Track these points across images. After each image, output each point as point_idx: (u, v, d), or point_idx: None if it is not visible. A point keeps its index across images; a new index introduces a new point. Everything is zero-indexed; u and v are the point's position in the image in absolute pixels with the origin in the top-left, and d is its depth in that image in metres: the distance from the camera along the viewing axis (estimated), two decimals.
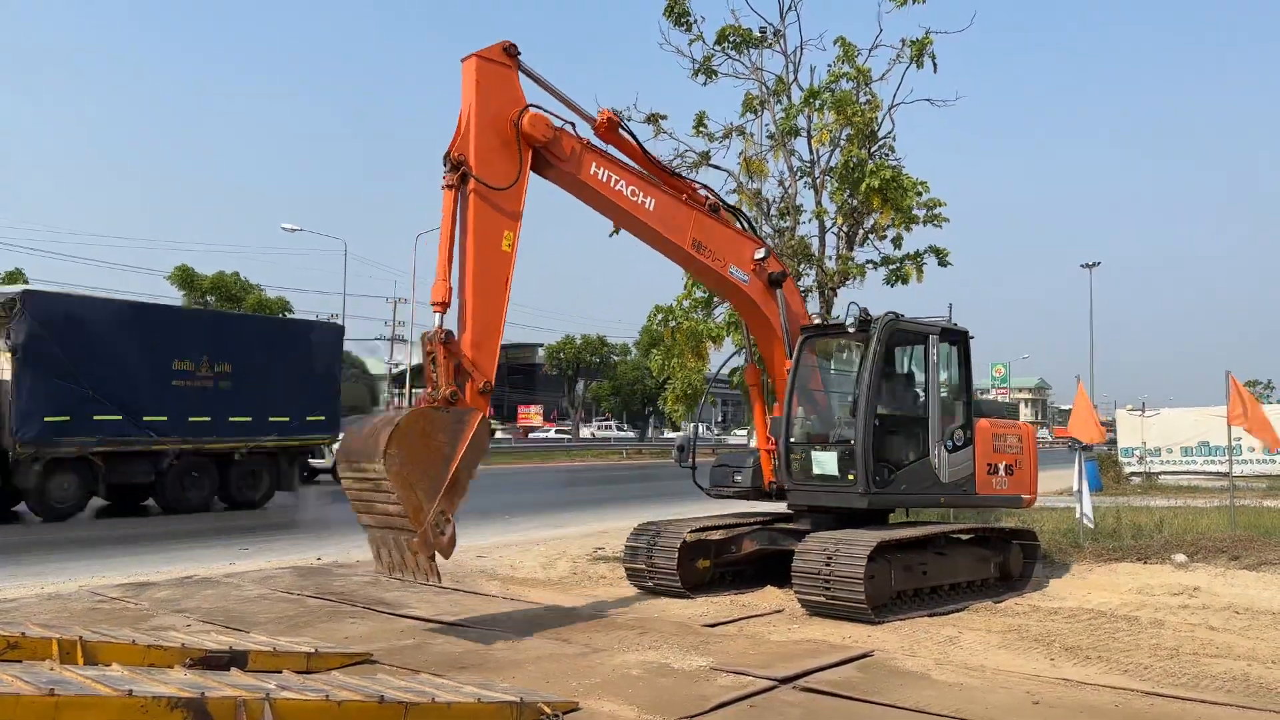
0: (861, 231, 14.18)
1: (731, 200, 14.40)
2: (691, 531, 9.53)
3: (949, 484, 9.44)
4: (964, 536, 9.84)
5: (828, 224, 14.37)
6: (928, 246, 14.26)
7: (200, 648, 5.97)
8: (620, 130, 8.82)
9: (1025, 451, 10.41)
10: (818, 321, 9.73)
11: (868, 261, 14.41)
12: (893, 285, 14.38)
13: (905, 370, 9.90)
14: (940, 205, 14.08)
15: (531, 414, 74.69)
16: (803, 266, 14.33)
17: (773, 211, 14.47)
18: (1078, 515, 12.47)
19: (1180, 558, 10.93)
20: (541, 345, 78.41)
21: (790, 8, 14.47)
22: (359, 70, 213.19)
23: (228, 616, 8.21)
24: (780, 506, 10.36)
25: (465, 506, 7.09)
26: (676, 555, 9.24)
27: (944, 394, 9.67)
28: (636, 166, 8.93)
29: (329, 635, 7.44)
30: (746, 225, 10.26)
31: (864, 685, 6.11)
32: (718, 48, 14.54)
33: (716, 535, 9.92)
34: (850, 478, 8.88)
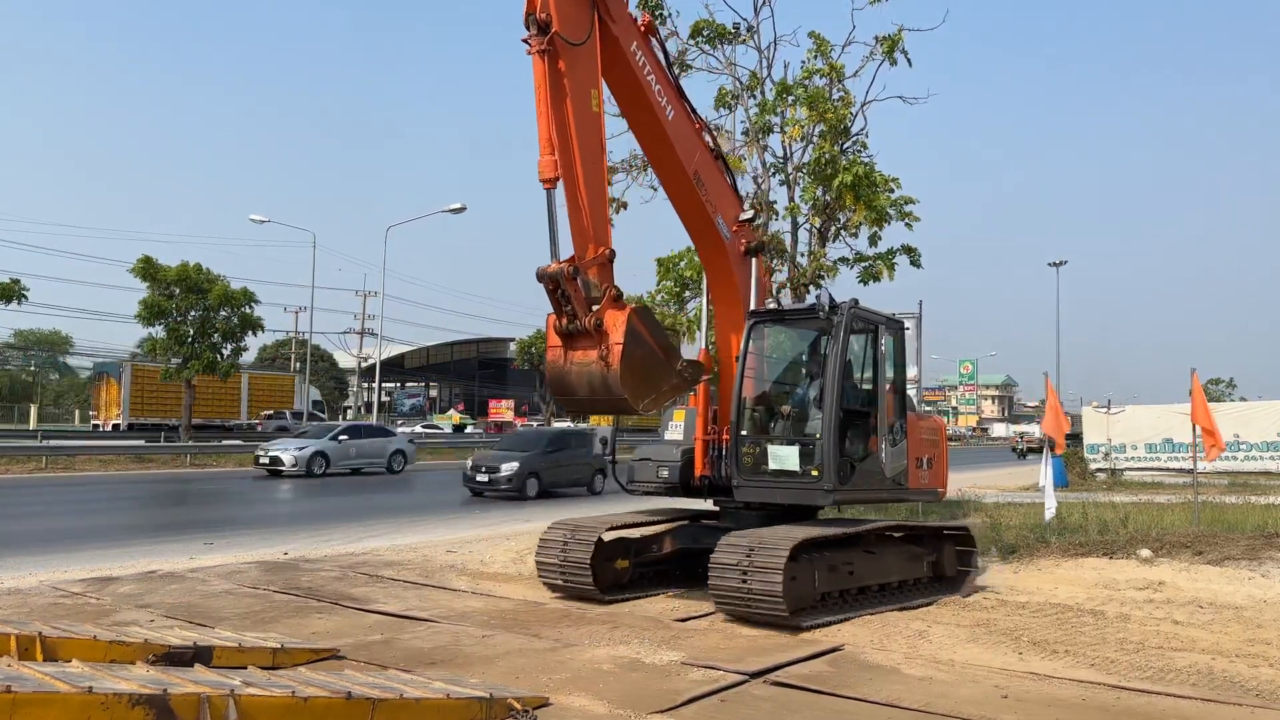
0: (834, 228, 14.23)
1: None
2: (609, 529, 8.97)
3: (890, 479, 9.02)
4: (896, 534, 9.35)
5: (800, 221, 14.40)
6: (900, 246, 14.34)
7: (163, 643, 5.86)
8: (653, 40, 8.77)
9: (940, 445, 10.14)
10: (771, 305, 9.30)
11: (840, 259, 14.47)
12: (866, 284, 14.43)
13: (858, 361, 9.35)
14: (912, 203, 14.16)
15: (503, 408, 74.42)
16: (775, 263, 14.36)
17: (746, 207, 14.49)
18: (1046, 509, 12.59)
19: (1145, 553, 11.06)
20: (513, 340, 78.08)
21: (764, 3, 14.49)
22: (329, 62, 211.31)
23: (192, 612, 8.09)
24: (709, 503, 9.78)
25: (433, 502, 7.03)
26: (591, 555, 8.68)
27: (888, 387, 9.18)
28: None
29: (295, 631, 7.35)
30: (732, 183, 10.07)
31: (834, 679, 6.12)
32: (691, 42, 14.52)
33: (636, 533, 9.34)
34: (814, 473, 8.34)
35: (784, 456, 8.59)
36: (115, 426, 43.66)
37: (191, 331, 36.55)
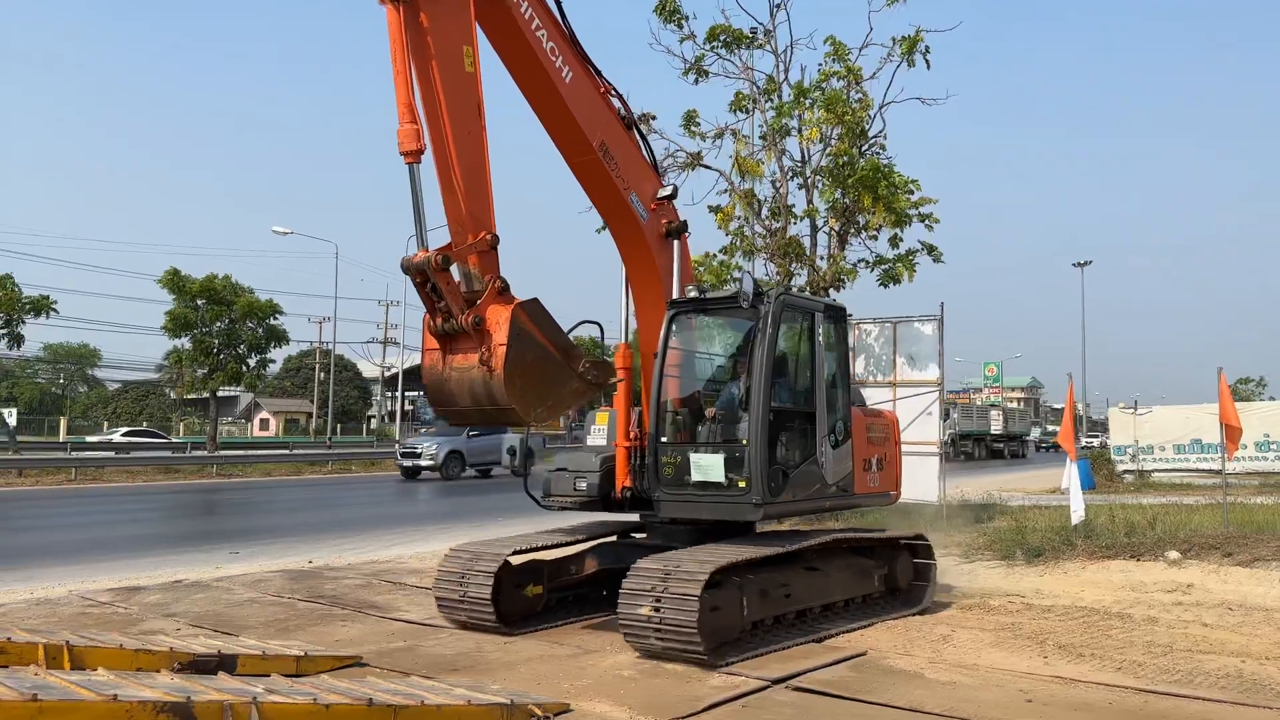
0: (853, 229, 14.21)
1: (723, 201, 14.44)
2: (516, 552, 7.88)
3: (833, 485, 8.07)
4: (841, 546, 8.35)
5: (819, 224, 14.39)
6: (919, 243, 14.29)
7: (188, 651, 5.93)
8: None
9: (892, 442, 9.14)
10: (692, 294, 8.27)
11: (860, 261, 14.44)
12: (886, 286, 14.39)
13: (793, 354, 8.33)
14: (931, 203, 14.11)
15: None
16: (794, 266, 14.36)
17: (764, 211, 14.51)
18: (1074, 513, 12.49)
19: (1173, 555, 10.93)
20: None
21: (780, 6, 14.53)
22: (352, 70, 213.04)
23: (217, 620, 8.17)
24: (635, 517, 8.72)
25: (460, 509, 7.02)
26: (491, 583, 7.56)
27: (829, 382, 8.22)
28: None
29: (319, 638, 7.41)
30: (650, 157, 8.72)
31: (857, 684, 6.09)
32: (708, 46, 14.57)
33: (551, 555, 8.37)
34: (742, 485, 7.34)
35: (707, 466, 7.54)
36: None
37: (217, 343, 36.97)
